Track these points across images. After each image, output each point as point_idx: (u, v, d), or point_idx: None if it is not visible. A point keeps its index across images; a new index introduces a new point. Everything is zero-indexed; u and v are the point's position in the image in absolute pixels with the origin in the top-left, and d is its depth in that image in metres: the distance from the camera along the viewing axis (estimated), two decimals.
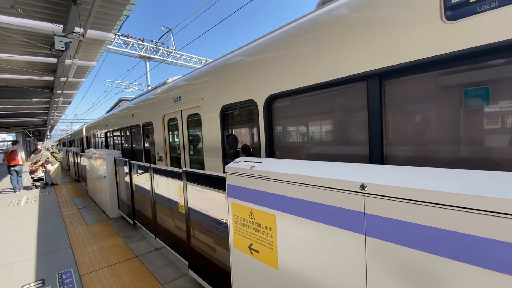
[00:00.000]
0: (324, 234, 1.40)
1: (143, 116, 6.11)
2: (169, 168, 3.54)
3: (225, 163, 3.48)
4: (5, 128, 22.19)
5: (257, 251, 1.86)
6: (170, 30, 13.56)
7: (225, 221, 2.49)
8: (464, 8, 1.41)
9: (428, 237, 1.02)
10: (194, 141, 4.41)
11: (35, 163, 10.42)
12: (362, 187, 1.20)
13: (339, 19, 2.04)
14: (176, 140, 4.92)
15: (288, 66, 2.46)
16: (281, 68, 2.53)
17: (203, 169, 3.96)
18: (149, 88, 7.52)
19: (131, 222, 5.22)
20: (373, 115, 1.86)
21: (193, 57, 16.34)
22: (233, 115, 3.43)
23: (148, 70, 14.92)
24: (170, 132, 5.13)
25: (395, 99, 1.82)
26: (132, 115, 6.87)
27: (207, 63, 5.21)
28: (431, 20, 1.53)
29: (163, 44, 14.71)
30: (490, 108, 1.46)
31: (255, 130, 2.96)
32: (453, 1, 1.44)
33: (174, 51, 15.08)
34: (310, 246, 1.48)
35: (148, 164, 4.08)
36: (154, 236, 4.22)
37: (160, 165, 4.73)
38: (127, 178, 5.16)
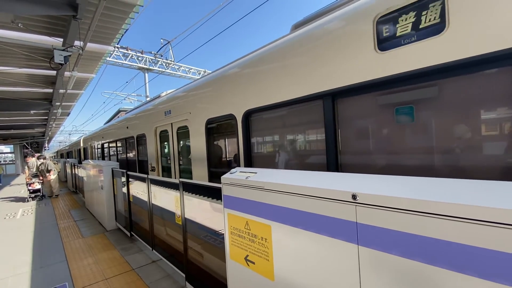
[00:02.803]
0: (318, 244, 1.41)
1: (137, 128, 6.41)
2: (166, 179, 3.54)
3: (209, 172, 3.77)
4: (3, 140, 22.14)
5: (253, 262, 1.85)
6: (169, 42, 13.78)
7: (222, 232, 2.48)
8: (391, 41, 1.74)
9: (421, 247, 1.03)
10: (183, 151, 4.66)
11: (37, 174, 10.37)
12: (354, 196, 1.22)
13: (301, 45, 2.39)
14: (167, 151, 5.16)
15: (262, 85, 2.78)
16: (257, 86, 2.85)
17: (191, 177, 4.21)
18: (143, 102, 8.04)
19: (128, 234, 5.17)
20: (329, 128, 2.16)
21: (191, 68, 16.55)
22: (216, 128, 3.73)
23: (147, 81, 15.07)
24: (161, 144, 5.41)
25: (346, 115, 2.14)
26: (127, 127, 7.15)
27: (205, 74, 5.45)
28: (368, 50, 1.86)
29: (161, 56, 14.92)
30: (414, 123, 1.77)
31: (235, 141, 3.21)
32: (383, 36, 1.78)
33: (172, 62, 15.29)
34: (305, 257, 1.48)
35: (145, 175, 4.08)
36: (151, 248, 4.17)
37: (157, 176, 4.73)
38: (124, 190, 5.14)
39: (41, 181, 10.39)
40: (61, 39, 4.96)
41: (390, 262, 1.12)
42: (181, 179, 3.06)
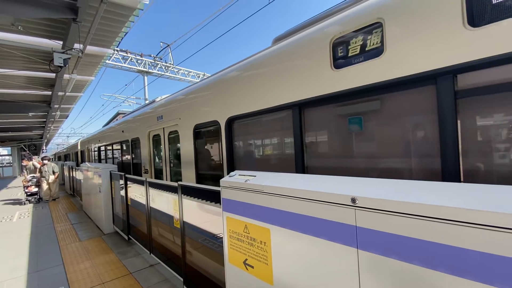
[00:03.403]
0: (317, 248, 1.40)
1: (132, 132, 6.69)
2: (165, 182, 3.53)
3: (197, 174, 4.08)
4: (0, 142, 22.03)
5: (252, 266, 1.84)
6: (169, 45, 13.83)
7: (220, 236, 2.47)
8: (344, 61, 2.06)
9: (421, 251, 1.03)
10: (174, 155, 4.92)
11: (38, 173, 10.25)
12: (353, 200, 1.22)
13: (275, 60, 2.71)
14: (159, 154, 5.43)
15: (243, 94, 3.08)
16: (238, 95, 3.16)
17: (181, 179, 4.48)
18: (138, 107, 8.36)
19: (126, 237, 5.13)
20: (296, 134, 2.46)
21: (190, 71, 16.59)
22: (203, 132, 4.01)
23: (146, 84, 15.09)
24: (154, 147, 5.69)
25: (310, 123, 2.45)
26: (123, 131, 7.45)
27: (204, 77, 5.69)
28: (326, 68, 2.17)
29: (161, 59, 14.96)
30: (363, 131, 2.09)
31: (219, 145, 3.48)
32: (338, 55, 2.11)
33: (172, 65, 15.33)
34: (304, 261, 1.48)
35: (144, 178, 4.07)
36: (149, 252, 4.14)
37: (155, 179, 4.72)
38: (122, 192, 5.11)
39: (39, 184, 10.24)
40: (61, 42, 4.98)
41: (390, 266, 1.12)
42: (179, 182, 3.05)
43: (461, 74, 1.56)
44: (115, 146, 8.49)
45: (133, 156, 6.85)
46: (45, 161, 10.70)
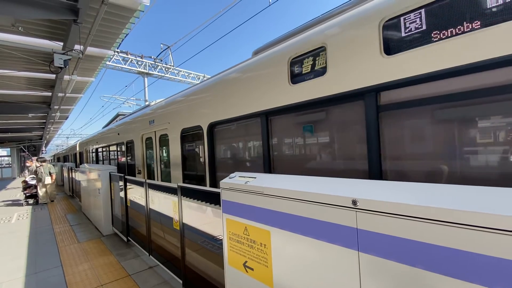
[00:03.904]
0: (318, 251, 1.39)
1: (127, 135, 7.06)
2: (164, 183, 3.52)
3: (183, 174, 4.44)
4: (0, 143, 21.99)
5: (252, 269, 1.83)
6: (169, 47, 13.86)
7: (220, 238, 2.46)
8: (299, 77, 2.45)
9: (422, 254, 1.02)
10: (164, 156, 5.25)
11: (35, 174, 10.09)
12: (354, 202, 1.21)
13: (248, 73, 3.07)
14: (151, 155, 5.76)
15: (222, 102, 3.43)
16: (218, 103, 3.51)
17: (169, 179, 4.84)
18: (132, 111, 8.84)
19: (125, 239, 5.11)
20: (264, 139, 2.85)
21: (191, 73, 16.61)
22: (189, 136, 4.32)
23: (146, 85, 15.10)
24: (147, 149, 6.03)
25: (274, 129, 2.84)
26: (118, 134, 7.82)
27: (204, 78, 5.96)
28: (285, 83, 2.55)
29: (161, 60, 14.99)
30: (313, 137, 2.50)
31: (203, 148, 3.80)
32: (294, 73, 2.49)
33: (172, 67, 15.35)
34: (304, 263, 1.47)
35: (143, 180, 4.06)
36: (148, 254, 4.12)
37: (155, 181, 4.70)
38: (121, 194, 5.09)
39: (36, 186, 10.12)
40: (61, 43, 4.98)
41: (391, 269, 1.11)
42: (179, 184, 3.04)
43: (383, 92, 1.91)
44: (111, 148, 8.86)
45: (127, 157, 7.19)
46: (38, 163, 10.56)
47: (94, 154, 11.42)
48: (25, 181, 10.09)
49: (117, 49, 6.85)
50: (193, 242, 2.96)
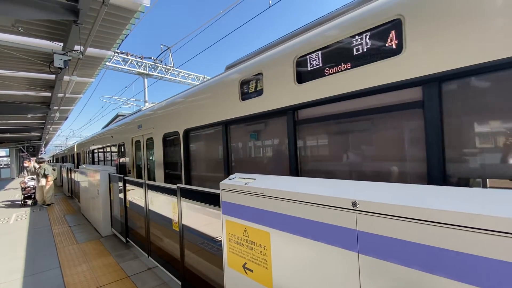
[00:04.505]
0: (318, 252, 1.39)
1: (119, 138, 7.74)
2: (164, 184, 3.52)
3: (165, 173, 5.06)
4: None
5: (251, 270, 1.82)
6: (169, 48, 13.87)
7: (220, 239, 2.45)
8: (246, 95, 3.08)
9: (422, 256, 1.02)
10: (150, 157, 5.80)
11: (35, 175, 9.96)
12: (354, 204, 1.21)
13: (214, 88, 3.72)
14: (140, 157, 6.37)
15: (194, 112, 4.07)
16: (191, 112, 4.15)
17: (154, 178, 5.42)
18: (126, 115, 9.49)
19: (124, 240, 5.09)
20: (224, 144, 3.48)
21: (190, 74, 16.63)
22: (169, 140, 4.91)
23: (146, 86, 15.10)
24: (136, 151, 6.62)
25: (231, 137, 3.49)
26: (112, 136, 8.50)
27: (204, 80, 6.50)
28: (237, 99, 3.21)
29: (161, 61, 14.99)
30: (257, 142, 3.21)
31: (180, 151, 4.40)
32: (243, 92, 3.11)
33: (172, 68, 15.36)
34: (304, 265, 1.46)
35: (143, 181, 4.05)
36: (147, 255, 4.10)
37: (154, 182, 4.70)
38: (120, 195, 5.08)
39: (35, 187, 10.07)
40: (61, 44, 4.98)
41: (391, 271, 1.11)
42: (179, 185, 3.03)
43: (298, 111, 2.55)
44: (106, 149, 9.58)
45: (120, 158, 7.86)
46: (37, 164, 10.42)
47: (90, 155, 12.06)
48: (24, 182, 10.04)
49: (117, 49, 6.88)
50: (192, 244, 2.95)
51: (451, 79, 1.62)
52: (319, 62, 2.30)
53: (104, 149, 9.75)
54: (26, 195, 9.89)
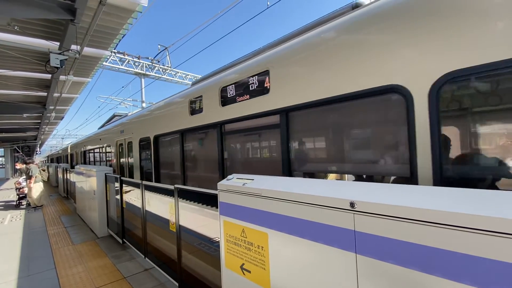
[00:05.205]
0: (315, 253, 1.39)
1: (106, 140, 8.71)
2: (161, 185, 3.50)
3: (141, 172, 5.89)
4: None
5: (249, 271, 1.82)
6: (166, 48, 13.83)
7: (217, 240, 2.44)
8: (193, 111, 3.92)
9: (420, 256, 1.02)
10: (130, 158, 6.56)
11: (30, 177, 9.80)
12: (352, 204, 1.22)
13: (173, 104, 4.62)
14: (122, 158, 7.20)
15: (161, 120, 4.93)
16: (159, 121, 5.01)
17: (133, 176, 6.26)
18: (114, 119, 10.61)
19: (120, 241, 5.06)
20: (181, 149, 4.30)
21: (188, 74, 16.59)
22: (144, 144, 5.69)
23: (143, 86, 15.02)
24: (119, 152, 7.46)
25: (187, 142, 4.31)
26: (100, 139, 9.47)
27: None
28: (187, 114, 4.01)
29: (158, 61, 14.93)
30: (202, 148, 4.02)
31: (151, 153, 5.22)
32: (192, 109, 3.95)
33: (169, 68, 15.31)
34: (302, 266, 1.46)
35: (139, 181, 4.03)
36: (143, 256, 4.08)
37: (151, 182, 4.68)
38: (117, 195, 5.05)
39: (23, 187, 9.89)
40: (58, 43, 4.94)
41: (388, 271, 1.11)
42: (176, 185, 3.02)
43: (223, 125, 3.38)
44: (96, 150, 10.61)
45: (106, 158, 8.97)
46: (20, 166, 10.38)
47: (82, 155, 13.21)
48: (19, 182, 9.93)
49: (114, 49, 6.90)
50: (189, 244, 2.94)
51: (294, 110, 2.48)
52: (233, 92, 3.18)
53: (93, 150, 10.85)
54: (21, 195, 9.77)
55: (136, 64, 14.20)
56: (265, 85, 2.68)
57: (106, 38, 5.47)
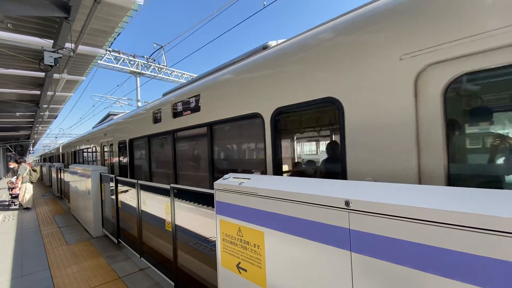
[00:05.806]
0: (311, 251, 1.41)
1: (92, 142, 9.67)
2: (157, 184, 3.49)
3: (119, 170, 6.74)
4: None
5: (245, 270, 1.83)
6: (162, 47, 13.75)
7: (213, 239, 2.45)
8: (155, 120, 4.72)
9: (414, 253, 1.04)
10: (112, 158, 7.42)
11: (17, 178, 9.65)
12: (347, 203, 1.23)
13: (145, 112, 5.24)
14: (106, 158, 8.07)
15: (135, 127, 5.72)
16: (133, 127, 5.82)
17: (113, 172, 7.00)
18: (103, 123, 10.99)
19: (115, 241, 5.02)
20: (148, 152, 5.12)
21: (184, 74, 16.51)
22: (122, 146, 6.47)
23: (138, 85, 14.91)
24: (103, 153, 8.37)
25: (153, 147, 5.07)
26: (88, 140, 10.47)
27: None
28: (151, 123, 4.82)
29: (154, 60, 14.83)
30: (163, 151, 4.89)
31: (127, 154, 6.01)
32: (155, 118, 4.72)
33: (165, 67, 15.22)
34: (297, 263, 1.48)
35: (135, 181, 4.01)
36: (139, 256, 4.06)
37: (147, 182, 4.67)
38: (112, 195, 5.01)
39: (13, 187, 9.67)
40: (52, 41, 4.88)
41: (383, 269, 1.13)
42: (172, 185, 3.01)
43: (175, 133, 4.11)
44: (83, 151, 11.71)
45: (92, 158, 10.01)
46: (14, 165, 10.16)
47: (72, 155, 14.25)
48: (11, 182, 9.77)
49: (109, 48, 6.85)
50: (185, 244, 2.93)
51: (216, 124, 3.28)
52: (180, 108, 3.94)
53: (82, 151, 12.01)
54: (13, 195, 9.62)
55: (131, 62, 14.09)
56: (198, 105, 3.53)
57: (101, 36, 5.41)
